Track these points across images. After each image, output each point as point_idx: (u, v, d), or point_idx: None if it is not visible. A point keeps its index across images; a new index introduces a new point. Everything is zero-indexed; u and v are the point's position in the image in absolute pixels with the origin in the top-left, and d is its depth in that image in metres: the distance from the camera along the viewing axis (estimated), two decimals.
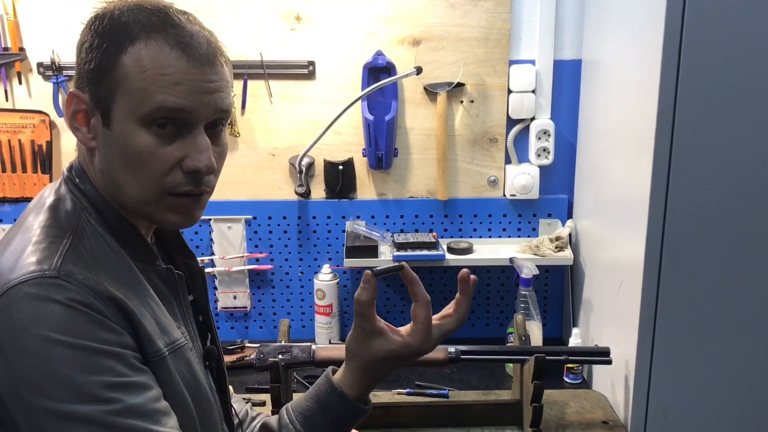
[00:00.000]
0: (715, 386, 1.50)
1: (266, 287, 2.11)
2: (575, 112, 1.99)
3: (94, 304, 0.80)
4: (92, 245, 0.87)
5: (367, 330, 0.99)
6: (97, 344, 0.79)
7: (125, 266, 0.90)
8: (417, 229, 2.07)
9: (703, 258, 1.44)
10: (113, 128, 0.86)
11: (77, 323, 0.79)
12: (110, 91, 0.85)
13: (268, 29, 1.92)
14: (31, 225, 0.87)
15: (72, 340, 0.78)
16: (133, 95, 0.84)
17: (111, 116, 0.85)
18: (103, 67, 0.85)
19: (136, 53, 0.84)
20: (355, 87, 1.95)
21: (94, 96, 0.86)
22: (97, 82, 0.85)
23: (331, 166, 2.01)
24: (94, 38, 0.86)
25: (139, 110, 0.84)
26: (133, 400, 0.80)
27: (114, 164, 0.87)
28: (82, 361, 0.78)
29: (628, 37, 1.59)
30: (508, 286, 2.11)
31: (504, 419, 1.60)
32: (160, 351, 0.88)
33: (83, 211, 0.89)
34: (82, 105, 0.87)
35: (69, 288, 0.79)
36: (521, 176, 2.00)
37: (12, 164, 1.97)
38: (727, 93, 1.36)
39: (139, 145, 0.85)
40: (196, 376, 0.96)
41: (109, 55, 0.84)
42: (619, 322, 1.63)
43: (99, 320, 0.80)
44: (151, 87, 0.83)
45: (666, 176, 1.41)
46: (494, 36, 1.94)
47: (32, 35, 1.92)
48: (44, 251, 0.82)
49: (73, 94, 0.87)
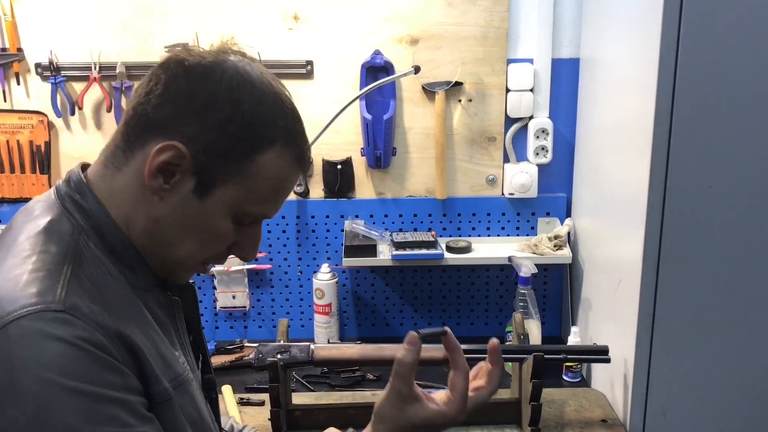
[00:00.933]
0: (714, 384, 1.50)
1: (265, 287, 2.11)
2: (573, 110, 1.99)
3: (101, 342, 0.74)
4: (92, 272, 0.80)
5: (404, 394, 0.93)
6: (102, 390, 0.72)
7: (126, 295, 0.84)
8: (416, 228, 2.07)
9: (701, 256, 1.44)
10: (205, 202, 0.83)
11: (82, 365, 0.72)
12: (227, 174, 0.82)
13: (266, 28, 1.92)
14: (24, 248, 0.79)
15: (76, 384, 0.70)
16: (247, 193, 0.84)
17: (211, 192, 0.83)
18: (232, 151, 0.82)
19: (270, 159, 0.83)
20: (353, 86, 1.95)
21: (201, 164, 0.82)
22: (215, 157, 0.82)
23: (330, 166, 2.01)
24: (234, 116, 0.81)
25: (242, 207, 0.85)
26: None
27: (178, 227, 0.85)
28: (86, 409, 0.71)
29: (625, 36, 1.59)
30: (507, 285, 2.11)
31: (503, 418, 1.60)
32: (166, 391, 0.82)
33: (81, 234, 0.83)
34: (180, 163, 0.81)
35: (75, 324, 0.73)
36: (520, 175, 2.00)
37: (10, 165, 1.97)
38: (724, 91, 1.36)
39: (219, 229, 0.86)
40: (201, 412, 0.91)
41: (245, 147, 0.82)
42: (617, 321, 1.63)
43: (105, 361, 0.74)
44: (266, 196, 0.85)
45: (664, 174, 1.41)
46: (492, 35, 1.94)
47: (30, 35, 1.92)
48: (44, 281, 0.75)
49: (178, 149, 0.81)
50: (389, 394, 0.93)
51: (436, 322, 2.13)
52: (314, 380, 1.83)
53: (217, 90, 0.81)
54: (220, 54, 0.85)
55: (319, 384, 1.82)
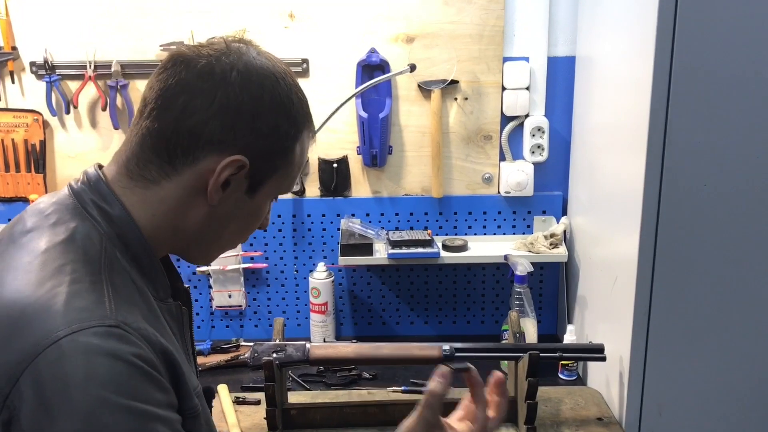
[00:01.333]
0: (710, 382, 1.51)
1: (261, 286, 2.10)
2: (569, 108, 1.99)
3: (151, 359, 0.74)
4: (120, 281, 0.79)
5: (431, 423, 0.94)
6: (151, 407, 0.72)
7: (149, 304, 0.83)
8: (412, 226, 2.06)
9: (697, 254, 1.44)
10: (255, 198, 0.89)
11: (134, 382, 0.71)
12: (273, 169, 0.88)
13: (261, 27, 1.91)
14: (52, 257, 0.77)
15: (127, 402, 0.70)
16: (285, 179, 0.91)
17: (260, 189, 0.89)
18: (280, 149, 0.87)
19: (303, 142, 0.90)
20: (349, 84, 1.94)
21: (255, 169, 0.86)
22: (267, 159, 0.86)
23: (326, 164, 2.01)
24: (281, 121, 0.86)
25: (281, 190, 0.92)
26: None
27: (231, 224, 0.90)
28: (134, 427, 0.70)
29: (621, 34, 1.60)
30: (503, 284, 2.11)
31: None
32: (196, 407, 0.83)
33: (107, 242, 0.81)
34: (242, 172, 0.85)
35: (128, 340, 0.72)
36: (516, 173, 2.00)
37: (5, 164, 1.96)
38: (719, 89, 1.37)
39: (263, 213, 0.94)
40: (210, 424, 0.91)
41: (289, 141, 0.87)
42: (613, 319, 1.63)
43: (154, 378, 0.74)
44: (296, 173, 0.93)
45: (659, 172, 1.41)
46: (488, 33, 1.94)
47: (25, 34, 1.91)
48: (90, 294, 0.74)
49: (241, 161, 0.83)
50: (416, 424, 0.93)
51: (432, 321, 2.14)
52: (310, 379, 1.83)
53: (260, 97, 0.84)
54: (240, 51, 0.86)
55: (315, 383, 1.81)
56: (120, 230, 0.83)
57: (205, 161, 0.83)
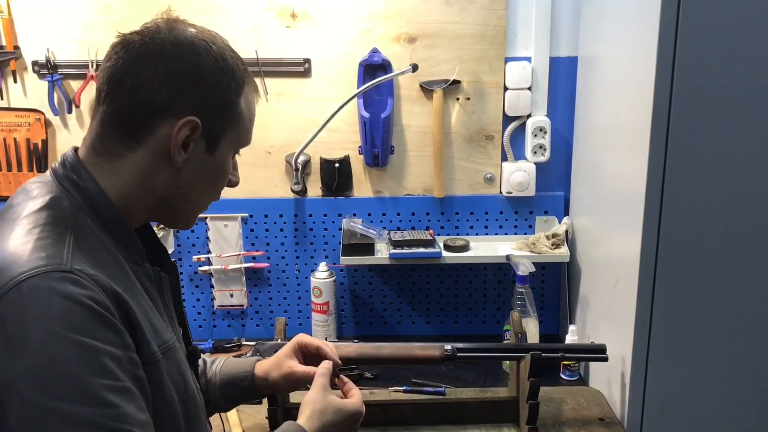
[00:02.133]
0: (712, 382, 1.50)
1: (263, 285, 2.10)
2: (571, 109, 1.99)
3: (103, 301, 0.82)
4: (90, 243, 0.88)
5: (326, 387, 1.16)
6: (102, 345, 0.80)
7: (119, 265, 0.91)
8: (413, 226, 2.06)
9: (699, 254, 1.44)
10: (216, 155, 0.97)
11: (87, 321, 0.79)
12: (224, 125, 0.96)
13: (263, 27, 1.92)
14: (27, 222, 0.87)
15: (80, 338, 0.78)
16: (239, 132, 0.99)
17: (218, 145, 0.96)
18: (226, 104, 0.95)
19: (246, 96, 0.98)
20: (351, 84, 1.94)
21: (208, 127, 0.94)
22: (216, 115, 0.94)
23: (328, 164, 2.01)
24: (220, 73, 0.94)
25: (238, 144, 1.01)
26: (126, 407, 0.81)
27: (199, 183, 0.98)
28: (88, 360, 0.78)
29: (623, 34, 1.59)
30: (505, 284, 2.11)
31: (500, 416, 1.60)
32: (155, 354, 0.90)
33: (79, 210, 0.91)
34: (196, 132, 0.93)
35: (80, 283, 0.80)
36: (517, 173, 1.99)
37: (7, 163, 1.96)
38: (722, 90, 1.36)
39: (227, 170, 1.01)
40: (185, 376, 0.98)
41: (232, 95, 0.95)
42: (615, 319, 1.63)
43: (106, 319, 0.81)
44: (249, 126, 1.01)
45: (662, 173, 1.41)
46: (490, 33, 1.93)
47: (27, 33, 1.91)
48: (51, 247, 0.83)
49: (193, 122, 0.92)
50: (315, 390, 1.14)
51: (433, 321, 2.14)
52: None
53: (196, 62, 0.92)
54: (170, 26, 0.94)
55: None
56: (91, 200, 0.92)
57: (162, 128, 0.91)
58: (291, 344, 1.29)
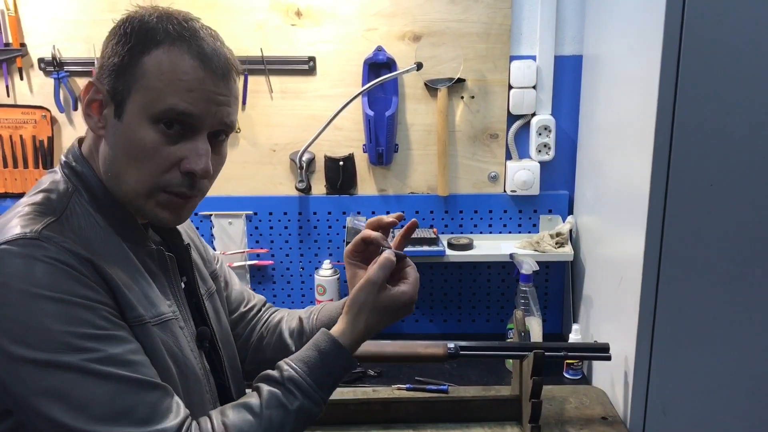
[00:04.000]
0: (715, 382, 1.50)
1: (267, 282, 2.11)
2: (576, 107, 1.99)
3: (72, 262, 0.85)
4: (81, 224, 0.92)
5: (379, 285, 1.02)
6: (76, 298, 0.84)
7: (114, 244, 0.94)
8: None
9: (703, 254, 1.44)
10: (124, 120, 0.91)
11: (57, 278, 0.84)
12: (128, 86, 0.91)
13: (268, 24, 1.92)
14: (23, 203, 0.93)
15: (52, 294, 0.83)
16: (147, 93, 0.90)
17: (124, 109, 0.91)
18: (125, 64, 0.91)
19: (158, 56, 0.90)
20: (355, 82, 1.95)
21: (111, 88, 0.92)
22: (117, 77, 0.91)
23: (332, 162, 2.01)
24: (121, 37, 0.92)
25: (150, 108, 0.90)
26: (112, 350, 0.85)
27: (118, 154, 0.93)
28: (62, 313, 0.83)
29: (628, 33, 1.59)
30: (509, 282, 2.11)
31: (503, 415, 1.60)
32: (142, 316, 0.92)
33: (75, 193, 0.95)
34: (99, 95, 0.93)
35: (48, 248, 0.85)
36: (522, 172, 1.99)
37: (13, 160, 1.97)
38: (727, 88, 1.36)
39: (144, 139, 0.91)
40: (183, 350, 0.99)
41: (133, 54, 0.91)
42: (618, 318, 1.63)
43: (77, 277, 0.85)
44: (165, 89, 0.90)
45: (666, 172, 1.41)
46: (495, 31, 1.93)
47: (33, 31, 1.92)
48: (29, 221, 0.88)
49: (92, 84, 0.93)
50: (365, 283, 1.02)
51: (437, 319, 2.14)
52: None
53: (112, 33, 0.94)
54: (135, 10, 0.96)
55: None
56: (86, 184, 0.96)
57: None
58: (346, 264, 1.17)
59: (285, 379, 0.96)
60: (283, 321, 1.26)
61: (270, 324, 1.28)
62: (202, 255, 1.20)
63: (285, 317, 1.28)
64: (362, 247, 1.14)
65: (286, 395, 0.95)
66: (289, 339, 1.22)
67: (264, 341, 1.26)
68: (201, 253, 1.20)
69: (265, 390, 0.96)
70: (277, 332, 1.25)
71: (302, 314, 1.25)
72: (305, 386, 0.96)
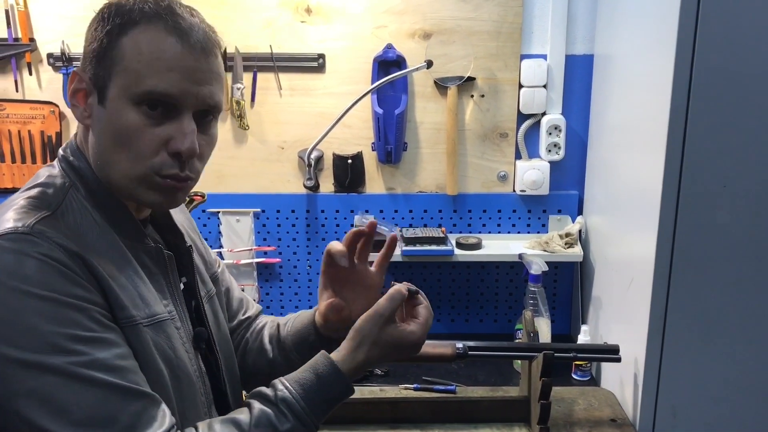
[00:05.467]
0: (726, 385, 1.49)
1: (274, 280, 2.10)
2: (587, 107, 1.97)
3: (64, 259, 0.83)
4: (77, 219, 0.90)
5: (386, 316, 1.01)
6: (65, 297, 0.82)
7: (110, 241, 0.92)
8: (426, 224, 2.06)
9: (715, 256, 1.42)
10: (107, 106, 0.90)
11: (47, 276, 0.82)
12: (107, 70, 0.89)
13: (278, 21, 1.91)
14: (18, 197, 0.91)
15: (41, 291, 0.81)
16: (127, 75, 0.88)
17: (106, 94, 0.90)
18: (104, 48, 0.89)
19: (135, 36, 0.88)
20: (365, 80, 1.94)
21: (93, 75, 0.91)
22: (97, 62, 0.90)
23: (340, 160, 2.00)
24: (99, 22, 0.90)
25: (131, 90, 0.88)
26: (99, 354, 0.83)
27: (105, 141, 0.91)
28: (51, 312, 0.81)
29: (641, 32, 1.58)
30: (517, 283, 2.09)
31: (511, 416, 1.59)
32: (133, 317, 0.90)
33: (71, 188, 0.93)
34: (82, 84, 0.92)
35: (39, 243, 0.83)
36: (531, 172, 1.98)
37: (22, 155, 1.97)
38: (742, 88, 1.34)
39: (128, 122, 0.89)
40: (177, 352, 0.97)
41: (111, 37, 0.89)
42: (628, 320, 1.62)
43: (68, 275, 0.83)
44: (144, 70, 0.88)
45: (678, 173, 1.39)
46: (506, 30, 1.92)
47: (42, 26, 1.92)
48: (22, 215, 0.86)
49: (76, 73, 0.92)
50: (373, 315, 1.00)
51: (444, 319, 2.13)
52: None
53: (97, 14, 0.92)
54: None
55: None
56: (83, 179, 0.94)
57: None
58: (323, 268, 1.14)
59: (278, 400, 0.93)
60: (266, 327, 1.26)
61: (254, 330, 1.27)
62: (203, 257, 1.18)
63: (268, 323, 1.27)
64: (329, 261, 1.12)
65: (278, 416, 0.92)
66: (269, 345, 1.22)
67: (248, 346, 1.25)
68: (202, 254, 1.18)
69: (257, 408, 0.93)
70: (259, 338, 1.25)
71: (281, 321, 1.25)
72: (298, 409, 0.93)
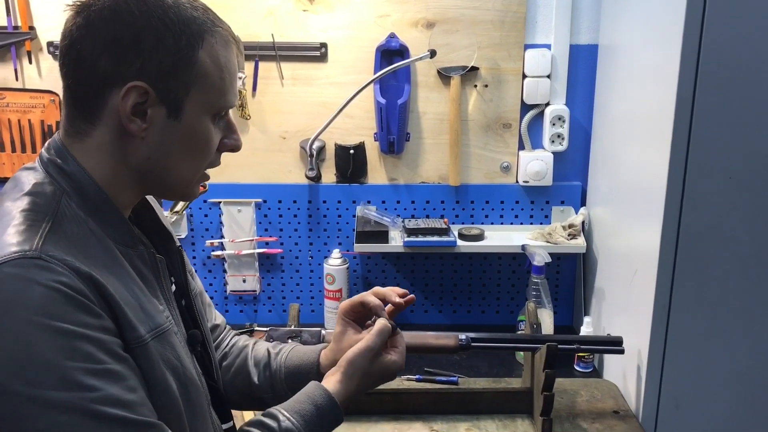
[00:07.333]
0: (729, 378, 1.48)
1: (276, 271, 2.10)
2: (591, 97, 1.96)
3: (76, 285, 0.79)
4: (72, 229, 0.86)
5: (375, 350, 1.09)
6: (78, 328, 0.78)
7: (106, 249, 0.89)
8: (428, 214, 2.05)
9: (720, 248, 1.42)
10: (183, 120, 0.90)
11: (59, 306, 0.77)
12: (185, 85, 0.88)
13: (280, 10, 1.90)
14: (9, 210, 0.85)
15: (54, 323, 0.76)
16: (210, 92, 0.90)
17: (183, 109, 0.89)
18: (179, 63, 0.87)
19: (210, 49, 0.89)
20: (367, 70, 1.92)
21: (161, 90, 0.87)
22: (170, 77, 0.87)
23: (342, 150, 1.99)
24: (164, 35, 0.86)
25: (212, 104, 0.91)
26: (111, 389, 0.79)
27: (172, 151, 0.91)
28: (64, 345, 0.77)
29: (646, 21, 1.56)
30: (520, 274, 2.09)
31: (514, 407, 1.59)
32: (142, 337, 0.87)
33: (63, 195, 0.88)
34: (146, 99, 0.87)
35: (51, 268, 0.78)
36: (535, 162, 1.97)
37: (21, 144, 1.96)
38: (749, 79, 1.33)
39: (206, 134, 0.92)
40: (182, 360, 0.96)
41: (185, 51, 0.87)
42: (631, 312, 1.61)
43: (81, 303, 0.79)
44: (225, 86, 0.91)
45: (683, 164, 1.38)
46: (510, 19, 1.91)
47: (42, 14, 1.90)
48: (24, 233, 0.81)
49: (138, 87, 0.86)
50: (364, 349, 1.08)
51: (446, 310, 2.12)
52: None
53: (133, 22, 0.85)
54: None
55: None
56: (76, 184, 0.89)
57: (112, 98, 0.87)
58: (338, 318, 1.21)
59: (282, 430, 0.97)
60: (249, 347, 1.26)
61: (234, 346, 1.27)
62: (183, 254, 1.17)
63: (250, 344, 1.27)
64: (359, 308, 1.19)
65: None
66: (253, 367, 1.22)
67: (226, 361, 1.24)
68: (182, 252, 1.17)
69: None
70: (241, 356, 1.24)
71: (270, 348, 1.25)
72: None
